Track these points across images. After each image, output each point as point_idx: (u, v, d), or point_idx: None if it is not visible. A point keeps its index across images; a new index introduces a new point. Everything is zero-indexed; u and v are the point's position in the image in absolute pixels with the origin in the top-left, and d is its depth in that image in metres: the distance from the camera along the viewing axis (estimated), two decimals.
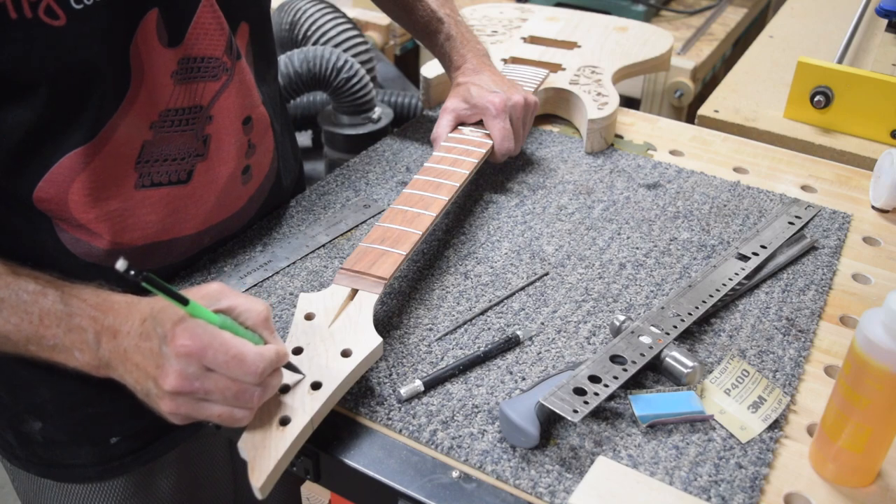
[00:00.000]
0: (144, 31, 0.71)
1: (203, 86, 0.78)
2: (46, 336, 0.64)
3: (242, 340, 0.59)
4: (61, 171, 0.72)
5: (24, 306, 0.64)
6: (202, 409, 0.59)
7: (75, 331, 0.63)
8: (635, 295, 0.83)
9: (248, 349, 0.58)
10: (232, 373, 0.58)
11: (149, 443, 0.90)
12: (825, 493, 0.63)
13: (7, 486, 1.82)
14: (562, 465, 0.64)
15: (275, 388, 0.61)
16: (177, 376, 0.57)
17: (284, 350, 0.61)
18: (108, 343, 0.62)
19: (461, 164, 0.91)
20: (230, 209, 0.86)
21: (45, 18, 0.64)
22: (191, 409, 0.59)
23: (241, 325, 0.61)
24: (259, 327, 0.62)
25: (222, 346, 0.57)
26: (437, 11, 1.03)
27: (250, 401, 0.59)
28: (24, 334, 0.64)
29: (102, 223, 0.76)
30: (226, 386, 0.58)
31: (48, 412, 0.85)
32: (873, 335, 0.57)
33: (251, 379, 0.58)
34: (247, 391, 0.58)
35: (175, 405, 0.59)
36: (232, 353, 0.57)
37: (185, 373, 0.57)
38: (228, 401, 0.59)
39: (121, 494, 0.91)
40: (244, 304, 0.62)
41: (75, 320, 0.63)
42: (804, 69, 1.19)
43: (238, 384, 0.58)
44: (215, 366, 0.57)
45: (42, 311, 0.64)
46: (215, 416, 0.59)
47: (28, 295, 0.65)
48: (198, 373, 0.57)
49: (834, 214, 0.97)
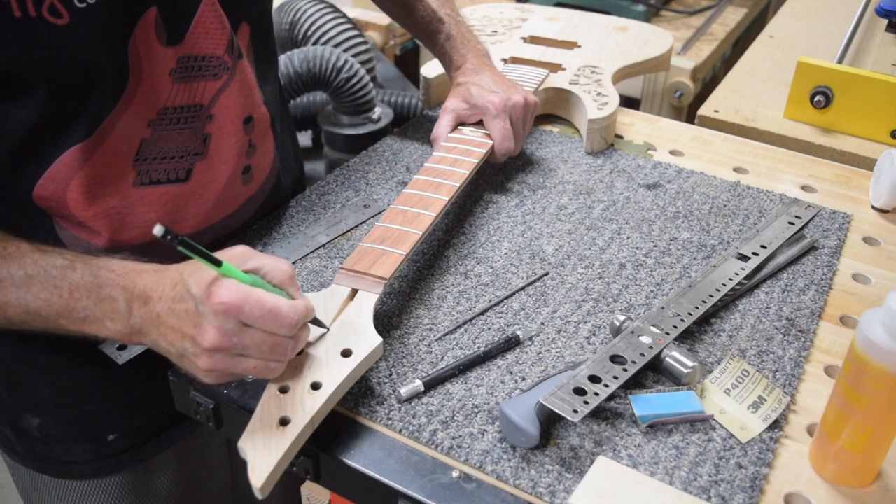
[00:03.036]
0: (143, 29, 0.71)
1: (203, 84, 0.78)
2: (77, 308, 0.65)
3: (275, 296, 0.61)
4: (60, 169, 0.72)
5: (53, 281, 0.65)
6: (239, 363, 0.62)
7: (106, 301, 0.64)
8: (635, 295, 0.83)
9: (282, 303, 0.61)
10: (268, 326, 0.60)
11: (146, 440, 0.90)
12: (825, 493, 0.63)
13: (7, 486, 1.82)
14: (562, 465, 0.64)
15: (304, 341, 0.65)
16: (216, 332, 0.60)
17: (312, 305, 0.64)
18: (139, 310, 0.63)
19: (461, 164, 0.91)
20: (230, 208, 0.86)
21: (48, 17, 0.64)
22: (228, 364, 0.61)
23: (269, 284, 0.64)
24: (286, 285, 0.65)
25: (258, 302, 0.60)
26: (438, 11, 1.03)
27: (284, 353, 0.62)
28: (55, 309, 0.65)
29: (101, 220, 0.76)
30: (262, 339, 0.61)
31: (46, 409, 0.86)
32: (873, 335, 0.57)
33: (286, 331, 0.61)
34: (281, 343, 0.61)
35: (213, 361, 0.61)
36: (268, 308, 0.60)
37: (223, 329, 0.60)
38: (264, 354, 0.61)
39: (118, 491, 0.92)
40: (270, 263, 0.64)
41: (105, 290, 0.64)
42: (804, 69, 1.19)
43: (273, 337, 0.61)
44: (252, 320, 0.60)
45: (72, 285, 0.65)
46: (251, 370, 0.62)
47: (56, 270, 0.66)
48: (235, 328, 0.60)
49: (834, 214, 0.97)
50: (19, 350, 0.83)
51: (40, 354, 0.83)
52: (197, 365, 0.62)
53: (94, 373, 0.84)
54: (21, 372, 0.84)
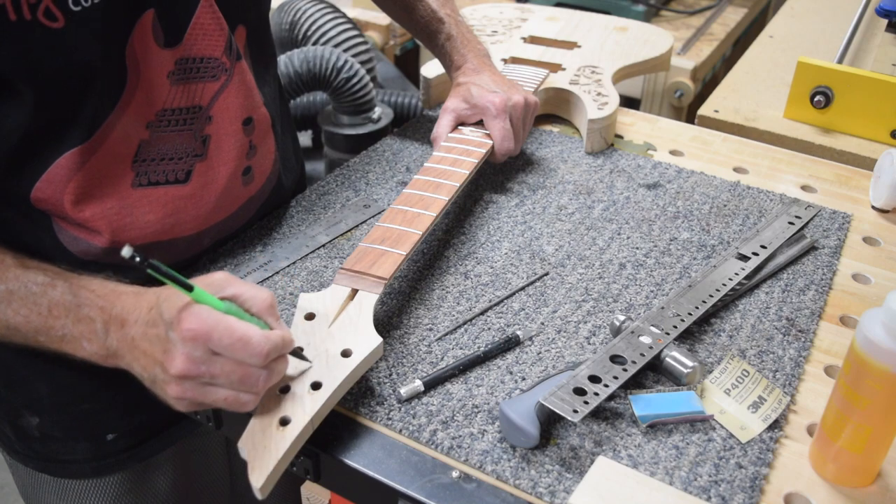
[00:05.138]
0: (140, 31, 0.71)
1: (202, 86, 0.78)
2: (55, 327, 0.64)
3: (247, 324, 0.59)
4: (58, 171, 0.72)
5: (33, 298, 0.65)
6: (208, 393, 0.60)
7: (84, 321, 0.64)
8: (635, 295, 0.83)
9: (252, 332, 0.58)
10: (237, 355, 0.58)
11: (145, 440, 0.90)
12: (825, 493, 0.63)
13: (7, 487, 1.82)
14: (562, 465, 0.64)
15: (280, 374, 0.61)
16: (183, 360, 0.58)
17: (290, 336, 0.62)
18: (116, 332, 0.63)
19: (461, 164, 0.91)
20: (230, 210, 0.86)
21: (43, 20, 0.64)
22: (197, 393, 0.60)
23: (247, 313, 0.62)
24: (264, 314, 0.62)
25: (227, 329, 0.57)
26: (438, 11, 1.03)
27: (256, 385, 0.59)
28: (34, 325, 0.65)
29: (100, 221, 0.76)
30: (231, 369, 0.58)
31: (45, 407, 0.86)
32: (873, 335, 0.57)
33: (256, 361, 0.58)
34: (252, 375, 0.59)
35: (182, 389, 0.59)
36: (237, 336, 0.57)
37: (191, 356, 0.58)
38: (234, 385, 0.59)
39: (117, 491, 0.92)
40: (249, 291, 0.62)
41: (84, 310, 0.64)
42: (804, 69, 1.19)
43: (243, 368, 0.59)
44: (221, 348, 0.58)
45: (51, 303, 0.65)
46: (221, 401, 0.60)
47: (37, 287, 0.65)
48: (204, 356, 0.58)
49: (834, 214, 0.97)
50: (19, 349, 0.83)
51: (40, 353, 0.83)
52: (167, 392, 0.60)
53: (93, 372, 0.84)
54: (20, 371, 0.84)
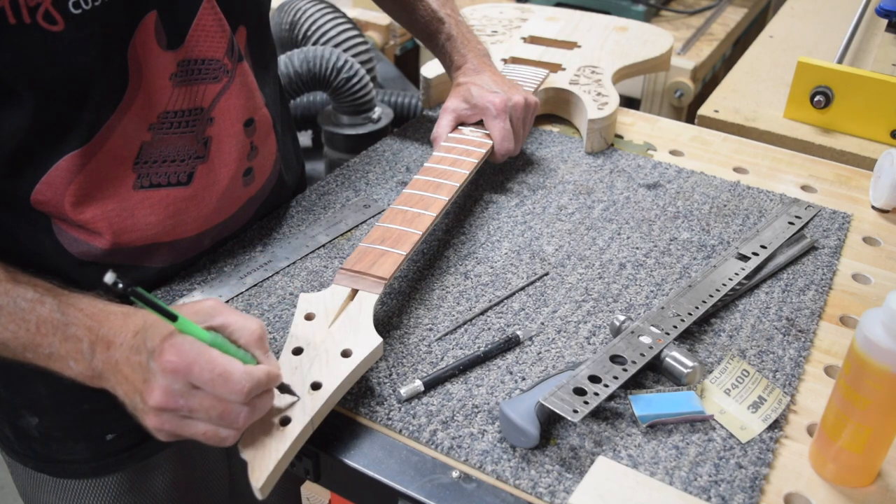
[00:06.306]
0: (143, 33, 0.71)
1: (204, 88, 0.77)
2: (43, 344, 0.64)
3: (230, 358, 0.57)
4: (58, 174, 0.72)
5: (21, 314, 0.64)
6: (187, 426, 0.58)
7: (71, 340, 0.63)
8: (635, 295, 0.83)
9: (234, 367, 0.57)
10: (217, 391, 0.56)
11: (144, 440, 0.90)
12: (825, 493, 0.63)
13: (7, 487, 1.82)
14: (562, 465, 0.64)
15: (263, 410, 0.60)
16: (162, 392, 0.57)
17: (276, 372, 0.60)
18: (101, 354, 0.61)
19: (461, 165, 0.91)
20: (231, 210, 0.86)
21: (43, 24, 0.64)
22: (175, 426, 0.58)
23: (234, 344, 0.60)
24: (252, 346, 0.60)
25: (208, 364, 0.56)
26: (438, 11, 1.03)
27: (236, 421, 0.58)
28: (21, 342, 0.64)
29: (101, 223, 0.76)
30: (210, 405, 0.57)
31: (45, 408, 0.86)
32: (873, 335, 0.57)
33: (237, 398, 0.57)
34: (232, 411, 0.57)
35: (160, 421, 0.58)
36: (218, 371, 0.56)
37: (170, 389, 0.57)
38: (213, 420, 0.58)
39: (116, 491, 0.92)
40: (238, 321, 0.60)
41: (71, 329, 0.63)
42: (804, 69, 1.19)
43: (223, 403, 0.57)
44: (201, 383, 0.56)
45: (39, 320, 0.64)
46: (200, 434, 0.58)
47: (26, 303, 0.64)
48: (183, 390, 0.57)
49: (834, 214, 0.97)
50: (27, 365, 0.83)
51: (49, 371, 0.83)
52: (146, 422, 0.59)
53: None
54: (20, 371, 0.84)
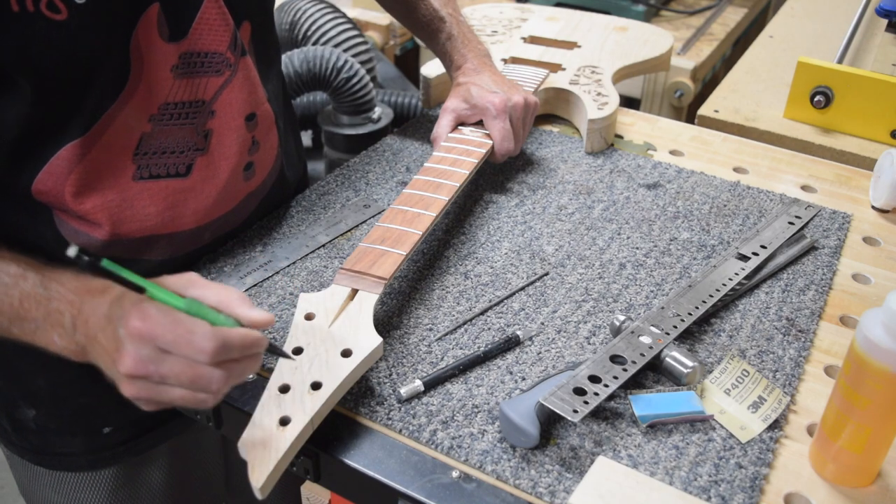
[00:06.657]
0: (145, 25, 0.71)
1: (206, 81, 0.78)
2: (27, 319, 0.64)
3: (195, 319, 0.56)
4: (59, 163, 0.73)
5: (4, 289, 0.64)
6: (163, 392, 0.57)
7: (53, 315, 0.63)
8: (635, 295, 0.83)
9: (198, 327, 0.55)
10: (182, 351, 0.55)
11: (141, 434, 0.91)
12: (825, 493, 0.63)
13: (7, 487, 1.82)
14: (562, 465, 0.64)
15: (242, 375, 0.58)
16: (131, 359, 0.56)
17: (255, 334, 0.58)
18: (82, 328, 0.61)
19: (461, 165, 0.91)
20: (231, 204, 0.86)
21: (46, 12, 0.64)
22: (151, 392, 0.57)
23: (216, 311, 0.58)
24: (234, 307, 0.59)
25: (171, 325, 0.55)
26: (440, 11, 1.03)
27: (209, 385, 0.56)
28: (7, 316, 0.64)
29: (101, 213, 0.76)
30: (181, 370, 0.56)
31: (42, 400, 0.86)
32: (873, 335, 0.57)
33: (203, 358, 0.55)
34: (203, 375, 0.56)
35: (135, 389, 0.57)
36: (180, 331, 0.55)
37: (138, 355, 0.56)
38: (185, 385, 0.56)
39: (112, 484, 0.92)
40: (215, 287, 0.60)
41: (53, 304, 0.63)
42: (804, 69, 1.19)
43: (194, 367, 0.56)
44: (166, 345, 0.55)
45: (22, 294, 0.64)
46: (178, 400, 0.57)
47: (9, 278, 0.65)
48: (152, 355, 0.56)
49: (834, 214, 0.97)
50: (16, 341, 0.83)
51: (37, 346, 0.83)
52: (123, 391, 0.58)
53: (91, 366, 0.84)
54: (17, 363, 0.84)
